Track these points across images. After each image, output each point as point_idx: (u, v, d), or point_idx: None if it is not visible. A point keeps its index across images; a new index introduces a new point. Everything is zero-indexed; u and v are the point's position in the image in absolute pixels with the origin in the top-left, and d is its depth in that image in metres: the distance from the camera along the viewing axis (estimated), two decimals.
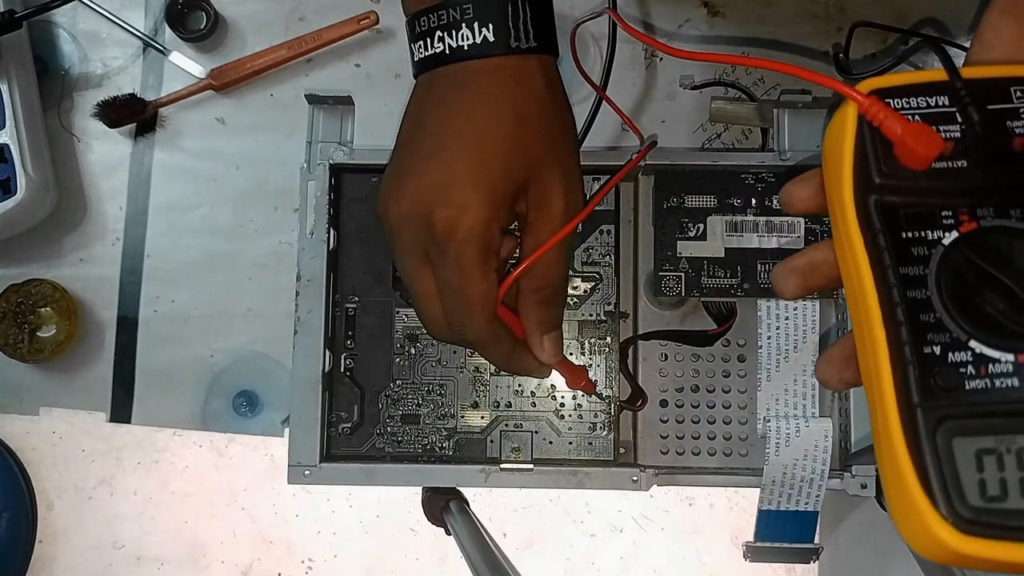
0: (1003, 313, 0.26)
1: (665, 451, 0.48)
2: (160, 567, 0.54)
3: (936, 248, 0.27)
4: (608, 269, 0.49)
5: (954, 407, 0.25)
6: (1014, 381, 0.25)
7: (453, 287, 0.37)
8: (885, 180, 0.27)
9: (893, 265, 0.26)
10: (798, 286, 0.30)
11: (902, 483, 0.25)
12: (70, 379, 0.55)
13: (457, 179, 0.36)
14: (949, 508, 0.24)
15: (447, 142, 0.37)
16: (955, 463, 0.25)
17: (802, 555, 0.47)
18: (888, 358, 0.26)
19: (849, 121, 0.27)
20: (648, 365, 0.48)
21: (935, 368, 0.25)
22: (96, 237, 0.56)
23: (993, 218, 0.27)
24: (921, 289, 0.26)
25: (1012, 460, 0.25)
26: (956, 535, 0.24)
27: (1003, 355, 0.25)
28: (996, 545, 0.24)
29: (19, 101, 0.52)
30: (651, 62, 0.56)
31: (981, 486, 0.24)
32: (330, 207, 0.47)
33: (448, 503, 0.48)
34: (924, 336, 0.26)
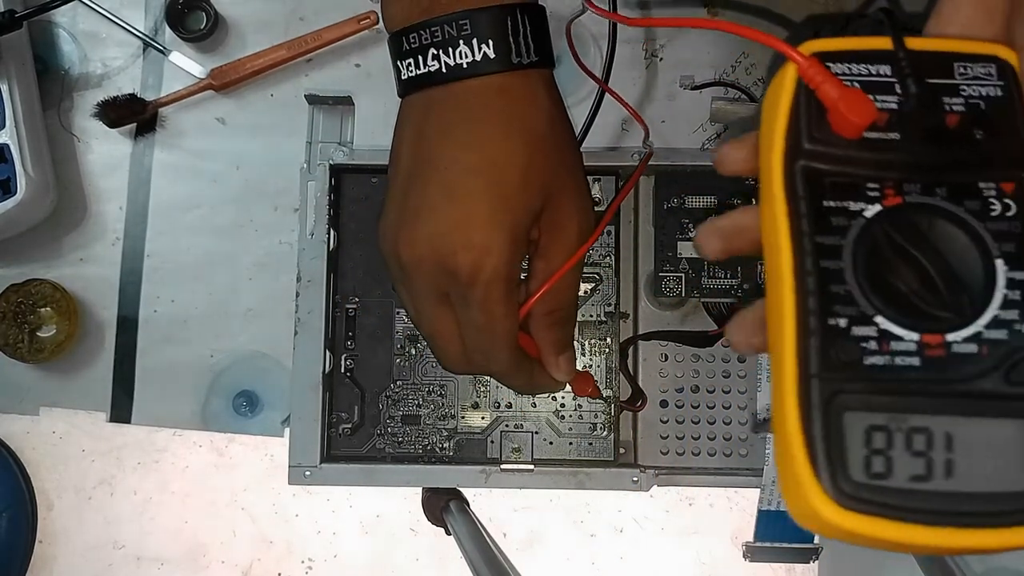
0: (915, 292, 0.25)
1: (665, 451, 0.48)
2: (160, 567, 0.54)
3: (857, 220, 0.26)
4: (608, 269, 0.49)
5: (850, 381, 0.25)
6: (914, 360, 0.25)
7: (479, 326, 0.36)
8: (815, 146, 0.27)
9: (810, 233, 0.26)
10: (719, 248, 0.30)
11: (789, 452, 0.25)
12: (70, 379, 0.55)
13: (476, 219, 0.34)
14: (831, 481, 0.24)
15: (461, 179, 0.34)
16: (844, 437, 0.24)
17: (802, 555, 0.47)
18: (793, 326, 0.25)
19: (787, 82, 0.27)
20: (648, 365, 0.48)
21: (838, 340, 0.25)
22: (96, 237, 0.56)
23: (919, 195, 0.26)
24: (835, 260, 0.26)
25: (901, 439, 0.24)
26: (835, 508, 0.24)
27: (907, 333, 0.25)
28: (873, 522, 0.24)
29: (19, 101, 0.52)
30: (651, 62, 0.56)
31: (866, 462, 0.24)
32: (330, 207, 0.47)
33: (448, 503, 0.48)
34: (831, 307, 0.25)
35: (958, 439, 0.24)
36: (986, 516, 0.24)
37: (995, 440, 0.24)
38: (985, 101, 0.27)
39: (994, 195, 0.26)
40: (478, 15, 0.34)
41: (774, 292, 0.26)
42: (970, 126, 0.26)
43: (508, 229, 0.34)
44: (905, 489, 0.24)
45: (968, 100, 0.27)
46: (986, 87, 0.27)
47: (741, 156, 0.29)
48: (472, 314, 0.35)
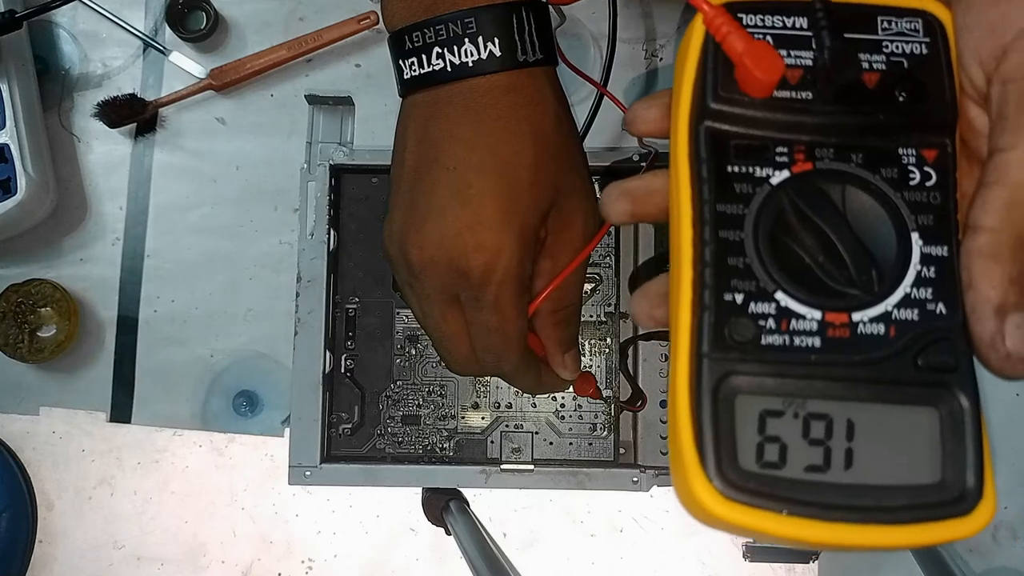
0: (821, 266, 0.23)
1: (665, 451, 0.48)
2: (160, 567, 0.54)
3: (762, 187, 0.24)
4: (608, 270, 0.49)
5: (744, 362, 0.23)
6: (815, 341, 0.23)
7: (491, 327, 0.35)
8: (721, 105, 0.24)
9: (711, 200, 0.24)
10: (626, 211, 0.28)
11: (676, 436, 0.23)
12: (70, 379, 0.55)
13: (487, 220, 0.33)
14: (717, 470, 0.22)
15: (471, 179, 0.34)
16: (734, 422, 0.22)
17: (802, 555, 0.47)
18: (689, 301, 0.23)
19: (695, 35, 0.25)
20: (648, 365, 0.48)
21: (732, 317, 0.23)
22: (96, 237, 0.56)
23: (831, 160, 0.24)
24: (736, 230, 0.23)
25: (797, 425, 0.22)
26: (718, 499, 0.22)
27: (809, 311, 0.23)
28: (760, 515, 0.22)
29: (19, 101, 0.52)
30: (651, 62, 0.56)
31: (759, 450, 0.22)
32: (330, 207, 0.47)
33: (448, 503, 0.48)
34: (728, 281, 0.23)
35: (859, 427, 0.22)
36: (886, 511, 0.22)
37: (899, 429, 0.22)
38: (908, 60, 0.24)
39: (914, 162, 0.24)
40: (483, 13, 0.34)
41: (674, 263, 0.24)
42: (891, 86, 0.24)
43: (519, 229, 0.34)
44: (799, 480, 0.22)
45: (890, 58, 0.24)
46: (911, 44, 0.24)
47: (652, 116, 0.27)
48: (484, 316, 0.35)
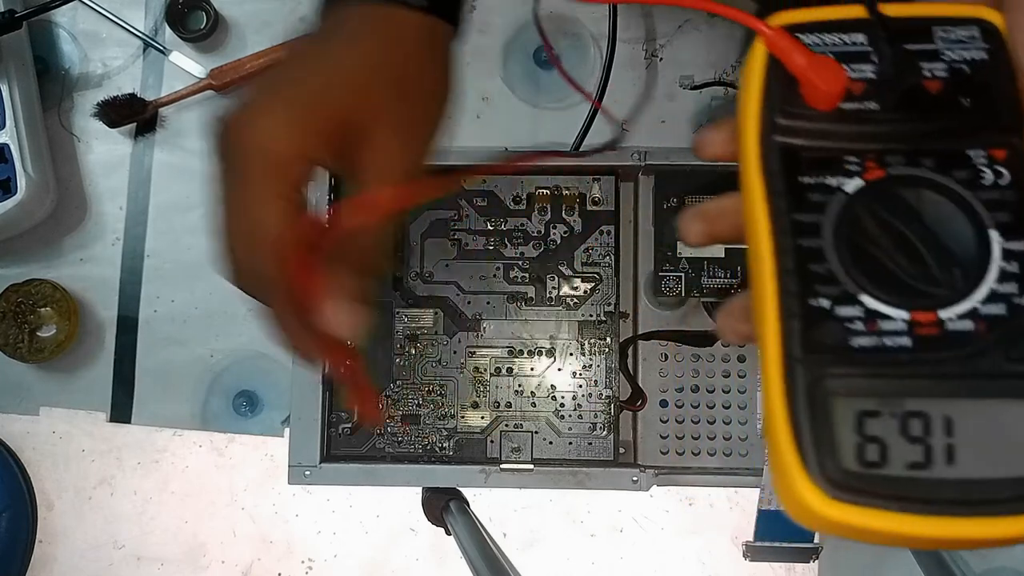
0: (902, 268, 0.24)
1: (665, 451, 0.48)
2: (160, 567, 0.54)
3: (836, 195, 0.25)
4: (608, 269, 0.49)
5: (837, 365, 0.23)
6: (904, 340, 0.23)
7: (236, 204, 0.33)
8: (789, 121, 0.25)
9: (787, 211, 0.24)
10: (702, 232, 0.29)
11: (776, 443, 0.23)
12: (70, 379, 0.55)
13: (274, 92, 0.34)
14: (820, 470, 0.22)
15: (287, 63, 0.35)
16: (832, 424, 0.23)
17: (802, 555, 0.47)
18: (775, 309, 0.24)
19: (758, 57, 0.26)
20: (648, 365, 0.48)
21: (821, 322, 0.23)
22: (96, 237, 0.56)
23: (902, 166, 0.25)
24: (814, 237, 0.24)
25: (895, 425, 0.23)
26: (825, 500, 0.22)
27: (896, 311, 0.23)
28: (870, 513, 0.22)
29: (19, 101, 0.52)
30: (651, 62, 0.56)
31: (859, 450, 0.23)
32: (330, 208, 0.47)
33: (448, 503, 0.48)
34: (812, 287, 0.24)
35: (958, 423, 0.23)
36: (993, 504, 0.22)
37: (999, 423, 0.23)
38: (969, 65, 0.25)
39: (984, 163, 0.25)
40: None
41: (756, 276, 0.25)
42: (954, 92, 0.25)
43: (296, 112, 0.33)
44: (903, 477, 0.22)
45: (951, 65, 0.25)
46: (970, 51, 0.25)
47: (719, 139, 0.28)
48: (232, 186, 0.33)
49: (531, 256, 0.49)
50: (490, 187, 0.49)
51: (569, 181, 0.49)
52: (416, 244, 0.49)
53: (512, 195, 0.49)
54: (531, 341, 0.48)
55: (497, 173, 0.49)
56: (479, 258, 0.49)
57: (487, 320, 0.48)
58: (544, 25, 0.56)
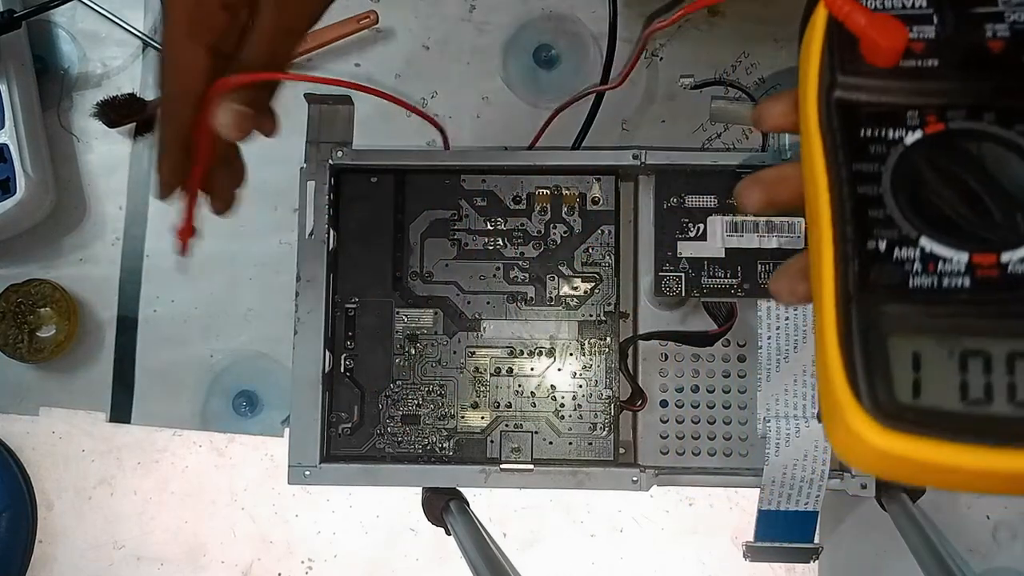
0: (962, 214, 0.24)
1: (665, 451, 0.48)
2: (160, 567, 0.54)
3: (896, 147, 0.25)
4: (608, 269, 0.49)
5: (894, 303, 0.23)
6: (964, 281, 0.23)
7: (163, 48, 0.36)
8: (849, 77, 0.26)
9: (847, 162, 0.25)
10: (761, 199, 0.29)
11: (829, 378, 0.23)
12: (70, 379, 0.55)
13: None
14: (873, 402, 0.22)
15: None
16: (888, 360, 0.23)
17: (802, 555, 0.47)
18: (832, 256, 0.24)
19: (819, 20, 0.27)
20: (648, 365, 0.48)
21: (879, 263, 0.24)
22: (96, 237, 0.56)
23: (963, 120, 0.25)
24: (874, 186, 0.25)
25: (954, 363, 0.23)
26: (878, 429, 0.22)
27: (955, 254, 0.24)
28: (923, 443, 0.22)
29: (19, 101, 0.52)
30: (651, 62, 0.56)
31: (915, 386, 0.23)
32: (330, 207, 0.47)
33: (448, 503, 0.48)
34: (870, 231, 0.24)
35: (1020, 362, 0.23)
36: None
37: None
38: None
39: None
40: None
41: (814, 230, 0.25)
42: (1017, 51, 0.25)
43: None
44: (961, 412, 0.22)
45: (1013, 26, 0.26)
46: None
47: (779, 110, 0.28)
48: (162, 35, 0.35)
49: (531, 256, 0.49)
50: (490, 187, 0.49)
51: (569, 181, 0.49)
52: (416, 244, 0.49)
53: (512, 195, 0.49)
54: (531, 341, 0.48)
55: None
56: (479, 258, 0.49)
57: (487, 320, 0.48)
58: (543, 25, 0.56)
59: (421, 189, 0.49)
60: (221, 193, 0.40)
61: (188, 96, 0.36)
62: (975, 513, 0.54)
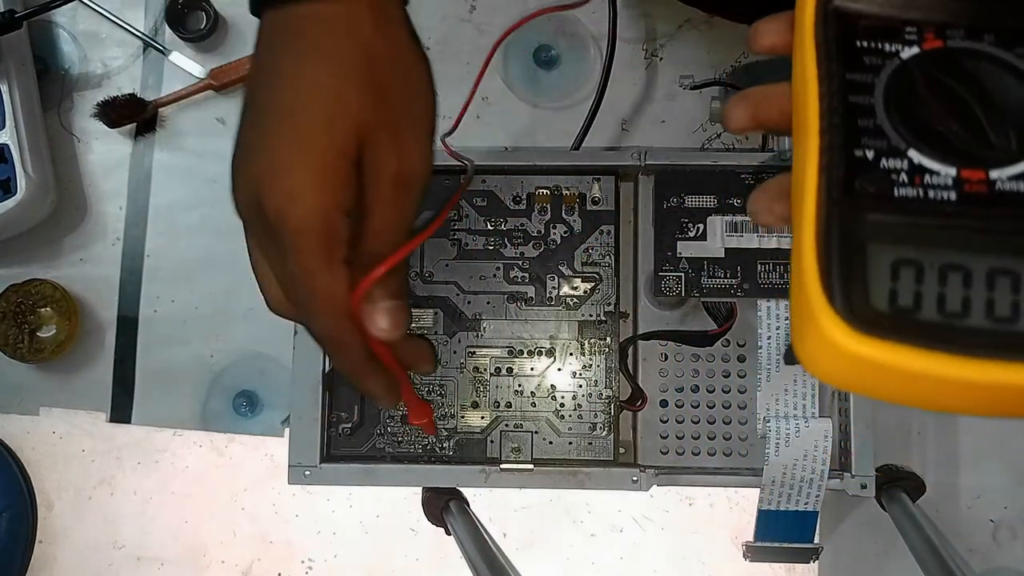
0: (953, 130, 0.24)
1: (665, 451, 0.48)
2: (160, 567, 0.54)
3: (892, 60, 0.25)
4: (608, 269, 0.49)
5: (876, 211, 0.23)
6: (950, 195, 0.23)
7: (295, 281, 0.33)
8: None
9: (839, 72, 0.25)
10: (748, 115, 0.28)
11: (802, 281, 0.22)
12: (70, 379, 0.55)
13: (282, 164, 0.32)
14: (848, 307, 0.22)
15: (270, 120, 0.33)
16: (866, 267, 0.22)
17: (802, 555, 0.47)
18: (816, 162, 0.24)
19: None
20: (648, 365, 0.48)
21: (864, 171, 0.23)
22: (96, 237, 0.56)
23: (962, 39, 0.25)
24: (866, 96, 0.24)
25: (933, 275, 0.22)
26: (851, 334, 0.21)
27: (944, 167, 0.23)
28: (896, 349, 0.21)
29: (19, 101, 0.52)
30: (651, 62, 0.56)
31: (891, 295, 0.22)
32: None
33: (448, 503, 0.48)
34: (859, 140, 0.24)
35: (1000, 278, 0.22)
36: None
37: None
38: None
39: None
40: None
41: (799, 140, 0.25)
42: None
43: (315, 173, 0.32)
44: (939, 323, 0.22)
45: None
46: None
47: (775, 27, 0.28)
48: (285, 265, 0.33)
49: (531, 256, 0.49)
50: (490, 187, 0.49)
51: (569, 181, 0.49)
52: None
53: (512, 195, 0.49)
54: (531, 341, 0.48)
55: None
56: (479, 258, 0.49)
57: (487, 320, 0.48)
58: (543, 25, 0.56)
59: None
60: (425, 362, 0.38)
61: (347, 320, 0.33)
62: (975, 513, 0.54)
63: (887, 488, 0.49)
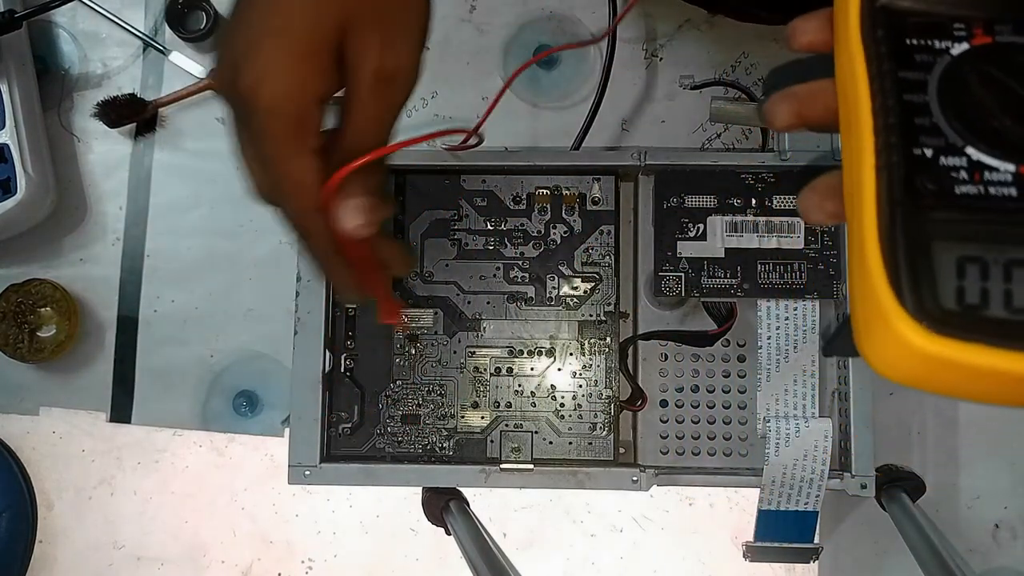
0: (1008, 126, 0.24)
1: (665, 451, 0.48)
2: (160, 567, 0.54)
3: (943, 57, 0.25)
4: (608, 269, 0.49)
5: (939, 210, 0.23)
6: (1011, 191, 0.23)
7: (266, 159, 0.33)
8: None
9: (892, 70, 0.25)
10: (792, 112, 0.28)
11: (869, 283, 0.23)
12: (70, 379, 0.55)
13: (257, 43, 0.32)
14: (918, 306, 0.22)
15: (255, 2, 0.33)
16: (932, 266, 0.23)
17: (802, 555, 0.47)
18: (872, 164, 0.24)
19: None
20: (648, 365, 0.48)
21: (924, 169, 0.24)
22: (96, 237, 0.56)
23: (1011, 34, 0.25)
24: (920, 94, 0.24)
25: (998, 271, 0.23)
26: (925, 334, 0.22)
27: (1002, 163, 0.24)
28: (970, 348, 0.22)
29: (19, 101, 0.52)
30: (651, 62, 0.56)
31: (959, 293, 0.22)
32: None
33: (448, 503, 0.48)
34: (916, 138, 0.24)
35: None
36: None
37: None
38: None
39: None
40: None
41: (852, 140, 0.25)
42: None
43: (292, 54, 0.32)
44: (1007, 319, 0.22)
45: None
46: None
47: (813, 26, 0.28)
48: (258, 146, 0.33)
49: (531, 256, 0.49)
50: (490, 187, 0.49)
51: (569, 181, 0.49)
52: (416, 244, 0.49)
53: (512, 195, 0.49)
54: (531, 341, 0.48)
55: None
56: (479, 258, 0.49)
57: (487, 320, 0.48)
58: (543, 25, 0.56)
59: (421, 189, 0.49)
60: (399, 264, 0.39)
61: (315, 208, 0.34)
62: (975, 513, 0.54)
63: (887, 488, 0.49)
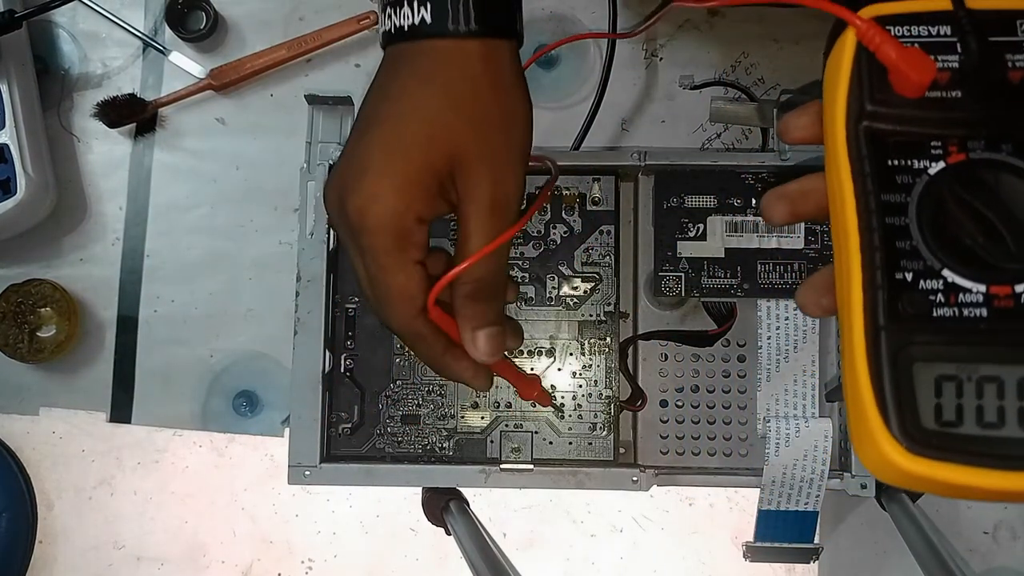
0: (981, 245, 0.26)
1: (665, 451, 0.48)
2: (160, 567, 0.54)
3: (921, 177, 0.27)
4: (608, 269, 0.49)
5: (919, 333, 0.25)
6: (982, 311, 0.25)
7: (371, 277, 0.36)
8: (877, 107, 0.27)
9: (875, 192, 0.26)
10: (787, 211, 0.30)
11: (859, 403, 0.25)
12: (70, 379, 0.55)
13: (370, 167, 0.35)
14: (901, 428, 0.24)
15: (370, 128, 0.36)
16: (913, 386, 0.25)
17: (802, 555, 0.47)
18: (860, 282, 0.26)
19: (847, 47, 0.27)
20: (648, 365, 0.48)
21: (905, 293, 0.26)
22: (96, 237, 0.56)
23: (983, 151, 0.27)
24: (900, 216, 0.26)
25: (971, 388, 0.25)
26: (905, 455, 0.24)
27: (975, 285, 0.26)
28: (944, 467, 0.24)
29: (19, 101, 0.52)
30: (651, 62, 0.56)
31: (937, 411, 0.25)
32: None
33: (448, 503, 0.48)
34: (897, 262, 0.26)
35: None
36: None
37: None
38: None
39: None
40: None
41: (841, 251, 0.27)
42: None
43: (400, 179, 0.35)
44: (978, 436, 0.24)
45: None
46: None
47: (803, 123, 0.30)
48: (363, 264, 0.36)
49: (531, 256, 0.49)
50: None
51: (569, 181, 0.49)
52: None
53: None
54: (531, 341, 0.48)
55: None
56: None
57: None
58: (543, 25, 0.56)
59: None
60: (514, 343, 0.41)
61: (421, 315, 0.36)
62: (975, 513, 0.54)
63: (887, 488, 0.49)
